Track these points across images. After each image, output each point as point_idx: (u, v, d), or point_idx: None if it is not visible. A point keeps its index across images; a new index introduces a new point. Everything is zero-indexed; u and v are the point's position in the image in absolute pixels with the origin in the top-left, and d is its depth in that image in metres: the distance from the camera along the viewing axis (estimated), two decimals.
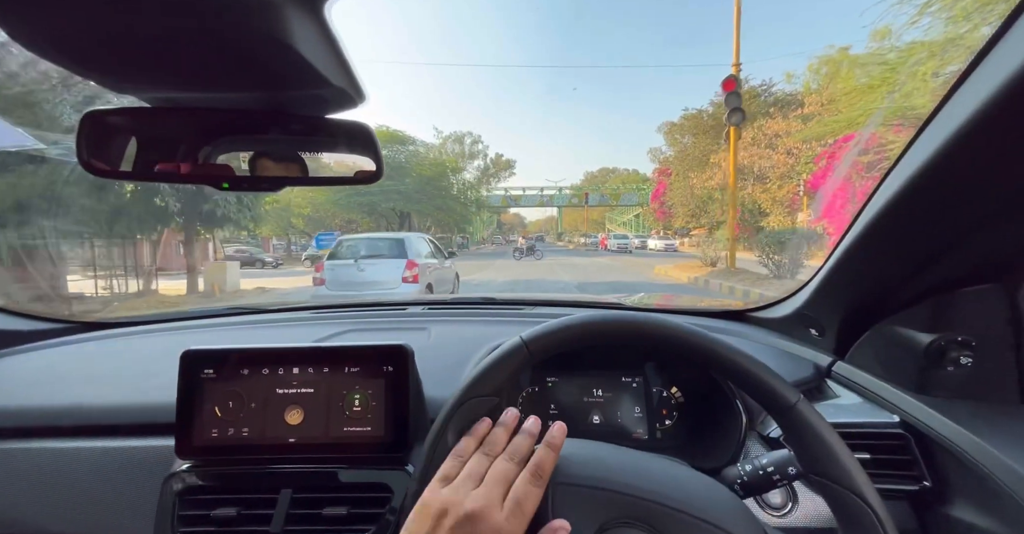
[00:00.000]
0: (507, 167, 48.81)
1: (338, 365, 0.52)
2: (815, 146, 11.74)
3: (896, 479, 0.49)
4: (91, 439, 0.56)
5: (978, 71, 0.33)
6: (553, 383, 0.71)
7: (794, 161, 13.25)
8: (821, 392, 0.65)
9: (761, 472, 0.40)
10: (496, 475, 0.33)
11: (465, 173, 34.67)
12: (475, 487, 0.33)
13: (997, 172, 0.36)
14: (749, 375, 0.36)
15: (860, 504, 0.32)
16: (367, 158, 0.57)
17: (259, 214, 9.83)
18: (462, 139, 42.98)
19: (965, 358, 0.47)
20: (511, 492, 0.33)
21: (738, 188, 17.49)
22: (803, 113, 14.23)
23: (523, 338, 0.40)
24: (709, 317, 0.93)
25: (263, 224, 22.12)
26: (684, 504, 0.32)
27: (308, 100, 0.45)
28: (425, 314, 1.00)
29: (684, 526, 0.31)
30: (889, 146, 4.03)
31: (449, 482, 0.33)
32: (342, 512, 0.47)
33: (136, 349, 0.83)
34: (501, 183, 46.06)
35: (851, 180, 5.43)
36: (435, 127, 54.88)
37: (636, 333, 0.38)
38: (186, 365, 0.51)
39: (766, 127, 16.30)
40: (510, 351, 0.39)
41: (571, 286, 8.89)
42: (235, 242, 19.59)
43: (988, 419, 0.45)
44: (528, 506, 0.32)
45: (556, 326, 0.39)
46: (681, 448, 0.51)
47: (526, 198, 43.94)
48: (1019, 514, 0.37)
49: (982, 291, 0.47)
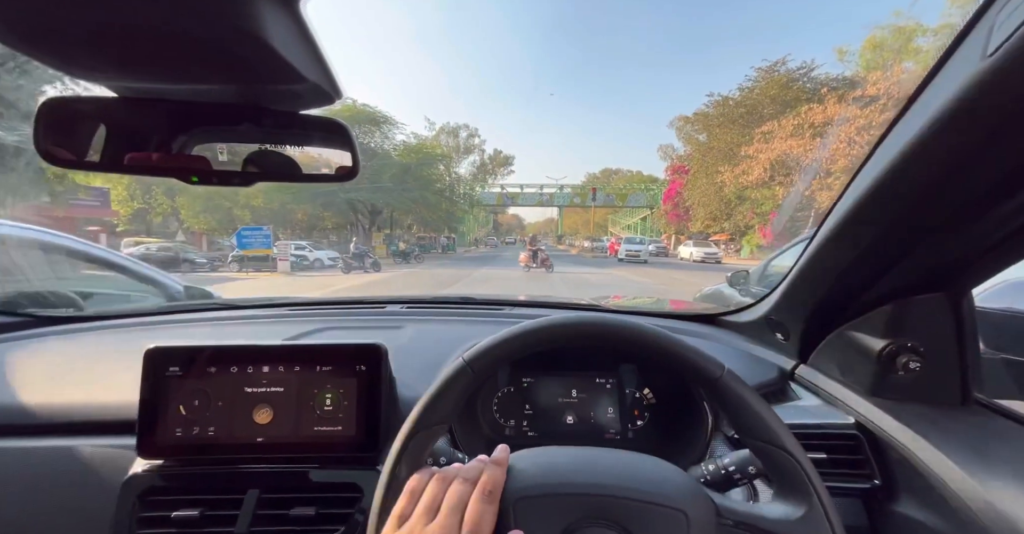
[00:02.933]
0: (505, 163, 49.45)
1: (309, 364, 0.61)
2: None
3: (849, 478, 0.60)
4: (46, 438, 0.64)
5: (928, 90, 0.44)
6: (529, 383, 0.84)
7: (857, 151, 13.56)
8: (784, 394, 0.77)
9: (723, 471, 0.50)
10: (452, 502, 0.39)
11: (458, 167, 34.51)
12: (430, 522, 0.38)
13: (941, 186, 0.47)
14: (674, 354, 0.44)
15: (787, 457, 0.41)
16: (344, 154, 0.67)
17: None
18: (457, 132, 43.46)
19: (914, 363, 0.59)
20: (466, 516, 0.38)
21: (775, 184, 17.75)
22: (864, 95, 14.17)
23: (465, 359, 0.45)
24: (681, 320, 1.09)
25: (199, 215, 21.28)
26: (640, 493, 0.40)
27: (283, 95, 0.53)
28: (402, 313, 1.12)
29: (643, 513, 0.40)
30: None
31: (403, 521, 0.38)
32: (310, 512, 0.56)
33: (96, 345, 0.92)
34: (498, 180, 46.58)
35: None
36: (427, 118, 55.20)
37: (574, 334, 0.46)
38: (150, 362, 0.59)
39: (813, 114, 16.25)
40: (454, 375, 0.45)
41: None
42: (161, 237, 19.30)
43: (932, 420, 0.56)
44: (484, 527, 0.37)
45: (496, 341, 0.46)
46: (652, 447, 0.61)
47: (524, 196, 44.37)
48: (958, 509, 0.47)
49: (930, 299, 0.59)
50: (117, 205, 20.00)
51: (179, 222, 22.63)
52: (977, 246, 0.52)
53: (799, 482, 0.41)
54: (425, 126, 42.35)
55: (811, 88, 19.54)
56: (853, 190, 0.54)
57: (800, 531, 0.39)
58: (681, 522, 0.39)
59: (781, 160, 17.17)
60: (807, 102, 17.84)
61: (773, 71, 20.49)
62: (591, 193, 43.01)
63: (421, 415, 0.45)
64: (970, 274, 0.56)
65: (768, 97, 20.15)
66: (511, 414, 0.83)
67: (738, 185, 19.30)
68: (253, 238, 14.01)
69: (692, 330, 1.00)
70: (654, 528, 0.39)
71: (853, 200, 0.54)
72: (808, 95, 19.05)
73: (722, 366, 0.44)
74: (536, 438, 0.82)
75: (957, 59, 0.40)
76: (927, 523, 0.52)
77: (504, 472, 0.42)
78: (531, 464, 0.43)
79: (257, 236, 14.07)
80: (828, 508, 0.40)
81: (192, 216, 21.99)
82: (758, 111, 20.46)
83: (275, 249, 14.33)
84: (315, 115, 0.60)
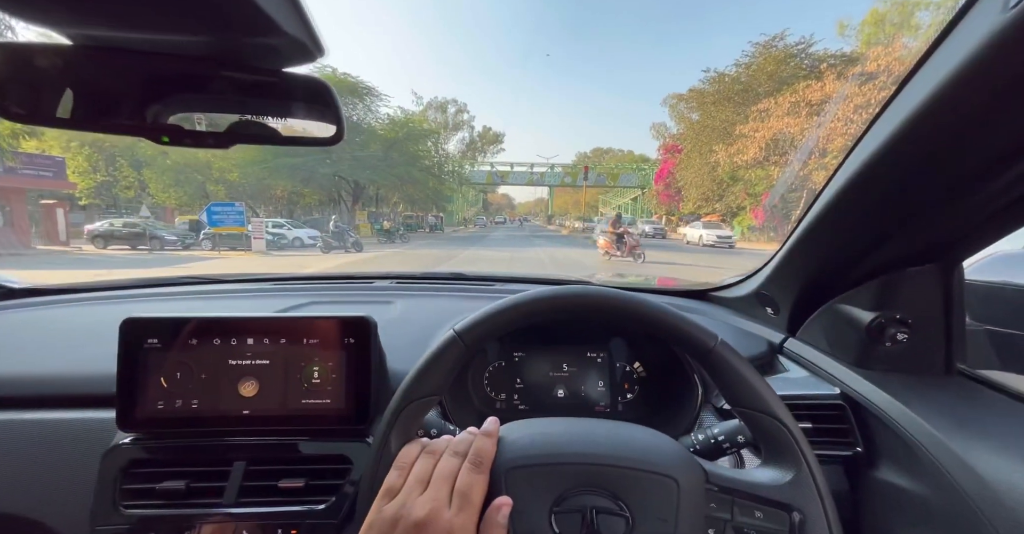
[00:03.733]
0: (495, 141, 48.93)
1: (295, 337, 0.61)
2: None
3: (834, 446, 0.63)
4: (21, 411, 0.64)
5: (927, 65, 0.44)
6: (520, 358, 0.85)
7: (855, 130, 13.70)
8: (772, 367, 0.80)
9: (712, 441, 0.52)
10: (442, 473, 0.40)
11: (447, 144, 33.95)
12: (421, 493, 0.39)
13: (944, 155, 0.47)
14: (668, 324, 0.45)
15: (777, 424, 0.43)
16: (327, 118, 0.65)
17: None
18: (445, 107, 42.69)
19: (902, 334, 0.62)
20: (456, 486, 0.39)
21: (769, 164, 17.81)
22: (864, 71, 14.23)
23: (456, 331, 0.46)
24: (673, 296, 1.12)
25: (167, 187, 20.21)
26: (631, 461, 0.42)
27: (260, 50, 0.50)
28: (392, 288, 1.13)
29: (634, 480, 0.41)
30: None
31: (394, 495, 0.39)
32: (299, 484, 0.57)
33: (73, 318, 0.90)
34: (488, 158, 46.12)
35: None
36: (414, 92, 53.65)
37: (566, 306, 0.46)
38: (126, 334, 0.59)
39: (811, 91, 16.21)
40: (445, 346, 0.45)
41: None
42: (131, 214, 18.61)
43: (916, 389, 0.59)
44: (474, 496, 0.38)
45: (487, 313, 0.46)
46: (641, 419, 0.63)
47: (514, 175, 44.19)
48: (935, 475, 0.50)
49: (921, 272, 0.61)
50: (75, 177, 19.00)
51: (149, 196, 21.82)
52: (973, 218, 0.53)
53: (788, 448, 0.43)
54: (412, 100, 41.42)
55: (809, 64, 19.52)
56: (852, 161, 0.55)
57: (788, 494, 0.41)
58: (671, 488, 0.40)
59: (776, 139, 17.23)
60: (805, 79, 17.82)
61: (771, 46, 20.36)
62: (583, 172, 42.92)
63: (411, 386, 0.45)
64: (963, 246, 0.58)
65: (765, 74, 20.06)
66: (502, 388, 0.84)
67: (732, 165, 19.35)
68: (225, 215, 13.45)
69: (683, 305, 1.02)
70: (645, 494, 0.40)
71: (852, 171, 0.54)
72: (806, 72, 19.02)
73: (715, 336, 0.45)
74: (527, 411, 0.83)
75: (975, 13, 0.39)
76: (905, 487, 0.55)
77: (494, 443, 0.43)
78: (522, 435, 0.44)
79: (230, 212, 13.49)
80: (816, 472, 0.42)
81: (161, 190, 21.23)
82: (754, 88, 20.39)
83: (249, 227, 13.90)
84: (295, 72, 0.58)
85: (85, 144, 19.65)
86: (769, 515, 0.41)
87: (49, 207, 14.90)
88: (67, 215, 15.24)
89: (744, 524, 0.40)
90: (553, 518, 0.39)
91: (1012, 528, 0.43)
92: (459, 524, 0.37)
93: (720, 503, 0.41)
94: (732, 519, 0.41)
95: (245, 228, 13.79)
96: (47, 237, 14.76)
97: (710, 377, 0.47)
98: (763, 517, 0.40)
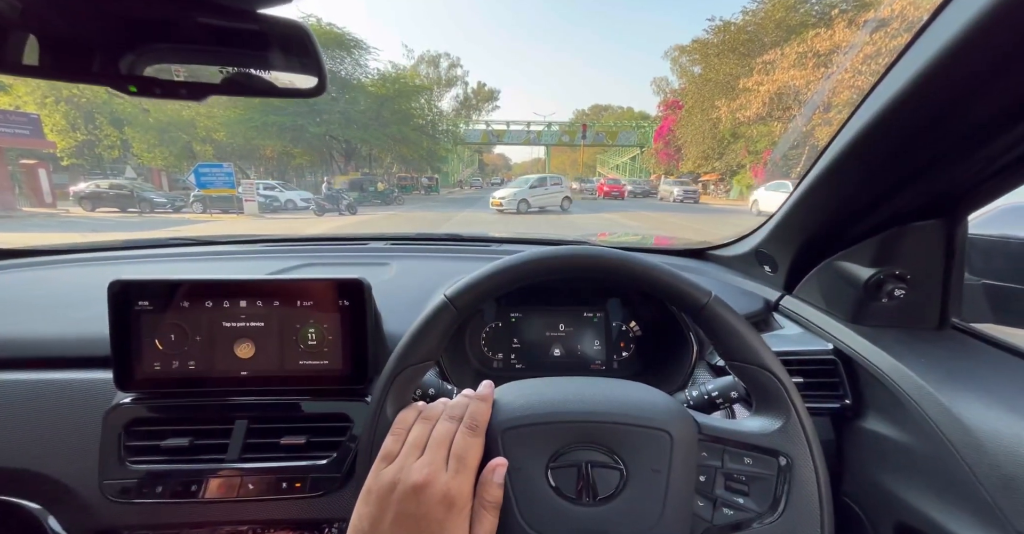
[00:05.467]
0: (490, 97, 46.97)
1: (289, 299, 0.60)
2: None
3: (824, 399, 0.65)
4: (19, 371, 0.64)
5: (938, 21, 0.42)
6: (517, 318, 0.86)
7: (863, 82, 12.56)
8: (767, 324, 0.81)
9: (706, 396, 0.53)
10: (438, 437, 0.40)
11: (440, 102, 32.64)
12: (418, 458, 0.39)
13: (950, 116, 0.45)
14: (661, 281, 0.45)
15: (768, 375, 0.44)
16: (308, 68, 0.60)
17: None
18: (437, 61, 40.52)
19: (899, 290, 0.62)
20: (452, 449, 0.39)
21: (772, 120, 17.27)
22: (877, 17, 13.50)
23: (447, 296, 0.45)
24: (670, 255, 1.11)
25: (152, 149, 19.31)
26: (625, 416, 0.43)
27: None
28: (387, 249, 1.11)
29: (628, 435, 0.42)
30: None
31: (391, 460, 0.40)
32: (301, 441, 0.58)
33: (64, 279, 0.89)
34: (483, 117, 44.46)
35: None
36: (405, 45, 50.66)
37: (559, 266, 0.46)
38: (115, 296, 0.58)
39: (819, 41, 15.59)
40: (436, 311, 0.45)
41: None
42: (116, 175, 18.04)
43: (908, 344, 0.60)
44: (470, 459, 0.39)
45: (478, 277, 0.46)
46: (636, 376, 0.64)
47: (510, 134, 42.83)
48: (920, 423, 0.52)
49: (925, 227, 0.60)
50: (54, 135, 18.09)
51: (133, 156, 21.05)
52: (981, 171, 0.52)
53: (778, 398, 0.44)
54: (403, 54, 39.39)
55: (820, 10, 18.49)
56: (862, 114, 0.52)
57: (776, 440, 0.42)
58: (665, 441, 0.41)
59: (781, 93, 16.63)
60: (814, 27, 16.94)
61: None
62: (581, 130, 41.58)
63: (404, 353, 0.45)
64: (969, 200, 0.56)
65: (773, 21, 19.04)
66: (499, 348, 0.85)
67: (734, 121, 18.85)
68: (213, 176, 13.00)
69: (680, 264, 1.02)
70: (639, 448, 0.41)
71: (862, 124, 0.52)
72: (815, 19, 18.04)
73: (709, 292, 0.45)
74: (523, 370, 0.85)
75: None
76: (889, 436, 0.57)
77: (489, 406, 0.43)
78: (517, 396, 0.45)
79: (218, 174, 13.04)
80: (804, 419, 0.43)
81: (146, 150, 20.41)
82: (760, 38, 19.41)
83: (240, 189, 13.56)
84: (272, 14, 0.53)
85: (61, 100, 18.55)
86: (757, 460, 0.42)
87: (31, 167, 14.38)
88: (50, 175, 14.76)
89: (733, 470, 0.42)
90: (549, 473, 0.40)
91: (990, 472, 0.45)
92: (456, 486, 0.37)
93: (711, 452, 0.43)
94: (722, 466, 0.42)
95: (235, 190, 13.45)
96: (32, 198, 14.38)
97: (704, 333, 0.47)
98: (751, 463, 0.42)
